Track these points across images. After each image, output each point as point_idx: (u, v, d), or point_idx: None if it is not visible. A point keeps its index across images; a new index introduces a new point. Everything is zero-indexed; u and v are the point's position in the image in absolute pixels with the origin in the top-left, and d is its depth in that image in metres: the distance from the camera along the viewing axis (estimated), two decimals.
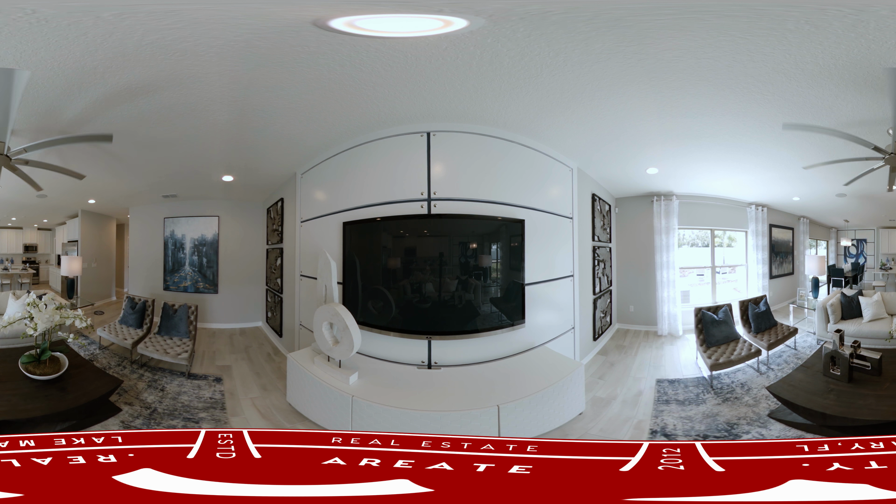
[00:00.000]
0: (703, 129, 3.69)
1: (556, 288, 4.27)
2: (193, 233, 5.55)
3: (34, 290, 5.12)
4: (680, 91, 3.05)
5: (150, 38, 2.42)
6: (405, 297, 3.84)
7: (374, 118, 3.64)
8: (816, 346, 4.54)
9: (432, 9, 2.25)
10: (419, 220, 3.79)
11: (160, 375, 4.30)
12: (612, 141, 4.03)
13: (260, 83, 2.99)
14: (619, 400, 3.92)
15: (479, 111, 3.52)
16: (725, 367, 4.18)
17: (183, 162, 4.47)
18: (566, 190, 4.40)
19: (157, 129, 3.60)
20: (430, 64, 2.79)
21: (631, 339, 5.11)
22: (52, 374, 3.46)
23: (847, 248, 5.57)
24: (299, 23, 2.35)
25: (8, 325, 3.82)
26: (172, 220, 5.59)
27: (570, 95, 3.18)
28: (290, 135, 3.91)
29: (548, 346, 4.11)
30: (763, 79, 2.84)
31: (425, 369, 3.77)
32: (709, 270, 5.25)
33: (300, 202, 4.71)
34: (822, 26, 2.28)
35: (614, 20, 2.33)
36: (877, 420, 3.02)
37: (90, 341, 4.72)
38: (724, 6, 2.22)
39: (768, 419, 3.50)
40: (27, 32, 2.32)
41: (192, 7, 2.22)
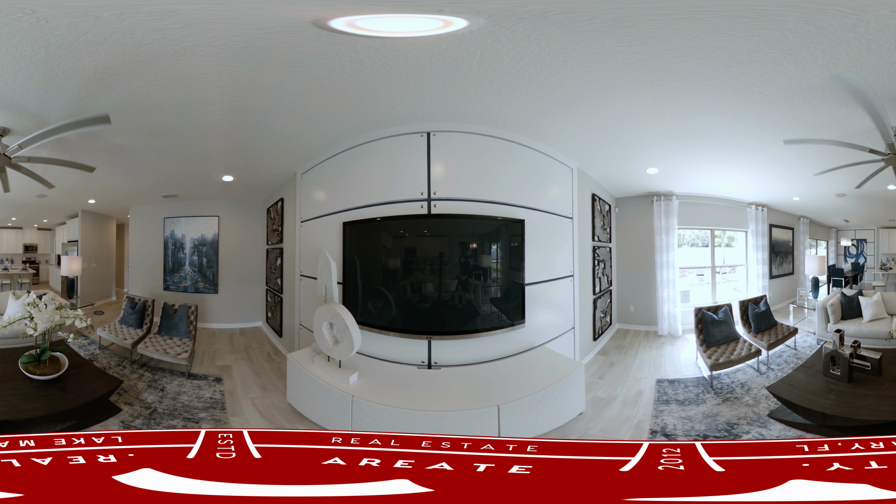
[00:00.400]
0: (703, 129, 3.69)
1: (556, 288, 4.27)
2: (193, 233, 5.55)
3: (34, 290, 5.12)
4: (680, 91, 3.05)
5: (150, 38, 2.42)
6: (405, 297, 3.84)
7: (374, 118, 3.64)
8: (816, 346, 4.54)
9: (432, 9, 2.25)
10: (419, 220, 3.79)
11: (160, 375, 4.30)
12: (612, 141, 4.03)
13: (260, 83, 2.99)
14: (619, 400, 3.92)
15: (479, 111, 3.52)
16: (725, 367, 4.18)
17: (183, 162, 4.47)
18: (566, 190, 4.40)
19: (156, 128, 3.60)
20: (430, 64, 2.79)
21: (631, 339, 5.11)
22: (52, 374, 3.46)
23: (847, 248, 5.57)
24: (299, 23, 2.35)
25: (8, 325, 3.82)
26: (172, 220, 5.59)
27: (570, 95, 3.18)
28: (290, 135, 3.91)
29: (548, 346, 4.11)
30: (763, 79, 2.84)
31: (425, 369, 3.77)
32: (709, 270, 5.25)
33: (300, 202, 4.71)
34: (822, 26, 2.28)
35: (614, 20, 2.32)
36: (877, 420, 3.02)
37: (90, 341, 4.72)
38: (724, 6, 2.22)
39: (768, 419, 3.50)
40: (27, 32, 2.32)
41: (192, 7, 2.22)
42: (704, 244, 5.26)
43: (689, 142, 3.95)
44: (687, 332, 4.94)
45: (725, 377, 4.17)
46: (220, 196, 5.48)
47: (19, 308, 4.08)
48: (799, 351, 4.57)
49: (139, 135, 3.69)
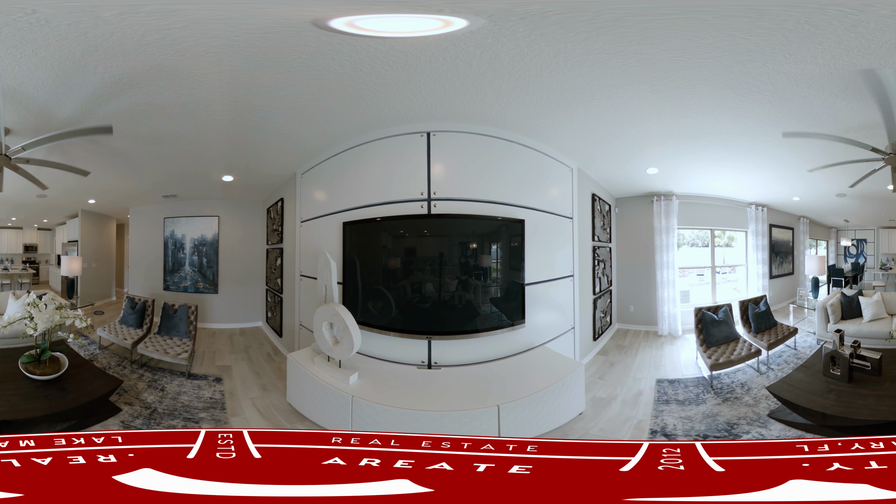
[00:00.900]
0: (703, 130, 3.69)
1: (556, 288, 4.27)
2: (193, 233, 5.54)
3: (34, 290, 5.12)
4: (680, 91, 3.05)
5: (151, 37, 2.42)
6: (405, 296, 3.84)
7: (374, 118, 3.64)
8: (816, 346, 4.54)
9: (432, 9, 2.25)
10: (419, 220, 3.79)
11: (160, 375, 4.30)
12: (612, 141, 4.03)
13: (260, 83, 2.99)
14: (619, 400, 3.92)
15: (479, 111, 3.52)
16: (725, 367, 4.18)
17: (183, 162, 4.47)
18: (566, 190, 4.40)
19: (157, 128, 3.60)
20: (430, 64, 2.79)
21: (631, 339, 5.11)
22: (52, 374, 3.46)
23: (847, 248, 5.57)
24: (299, 23, 2.35)
25: (8, 325, 3.82)
26: (172, 220, 5.58)
27: (570, 95, 3.18)
28: (290, 135, 3.91)
29: (548, 346, 4.11)
30: (763, 79, 2.84)
31: (425, 369, 3.77)
32: (709, 270, 5.25)
33: (300, 202, 4.71)
34: (821, 26, 2.28)
35: (614, 20, 2.32)
36: (877, 420, 3.02)
37: (90, 341, 4.71)
38: (724, 6, 2.22)
39: (768, 419, 3.50)
40: (27, 32, 2.32)
41: (192, 7, 2.22)
42: (704, 244, 5.26)
43: (689, 142, 3.95)
44: (687, 332, 4.94)
45: (725, 377, 4.17)
46: (220, 196, 5.47)
47: (19, 308, 4.08)
48: (799, 351, 4.57)
49: (139, 135, 3.69)
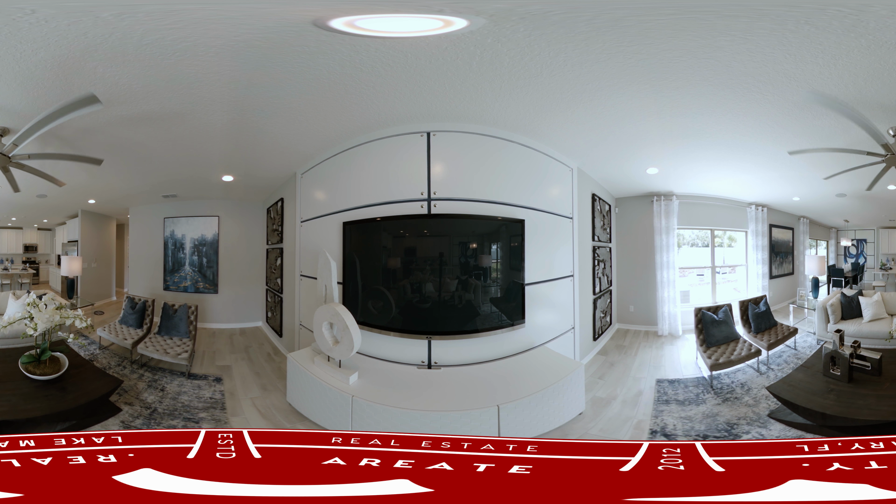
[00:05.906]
0: (703, 129, 3.69)
1: (556, 288, 4.27)
2: (193, 233, 5.55)
3: (34, 290, 5.13)
4: (680, 91, 3.05)
5: (150, 38, 2.42)
6: (405, 296, 3.84)
7: (375, 118, 3.64)
8: (816, 346, 4.54)
9: (432, 9, 2.25)
10: (419, 219, 3.79)
11: (160, 375, 4.30)
12: (612, 141, 4.03)
13: (260, 83, 2.98)
14: (619, 400, 3.92)
15: (479, 111, 3.52)
16: (725, 367, 4.18)
17: (183, 162, 4.47)
18: (566, 190, 4.40)
19: (157, 129, 3.60)
20: (430, 64, 2.79)
21: (631, 339, 5.11)
22: (52, 374, 3.46)
23: (847, 248, 5.57)
24: (299, 23, 2.35)
25: (8, 325, 3.82)
26: (172, 220, 5.59)
27: (570, 95, 3.18)
28: (290, 135, 3.91)
29: (548, 346, 4.11)
30: (763, 79, 2.84)
31: (425, 369, 3.77)
32: (709, 270, 5.25)
33: (300, 202, 4.71)
34: (821, 26, 2.28)
35: (614, 20, 2.32)
36: (877, 420, 3.02)
37: (90, 341, 4.72)
38: (724, 6, 2.22)
39: (768, 419, 3.50)
40: (27, 32, 2.32)
41: (191, 7, 2.22)
42: (704, 244, 5.26)
43: (689, 142, 3.95)
44: (687, 332, 4.95)
45: (725, 377, 4.17)
46: (220, 196, 5.48)
47: (19, 308, 4.08)
48: (799, 351, 4.57)
49: (139, 135, 3.69)
